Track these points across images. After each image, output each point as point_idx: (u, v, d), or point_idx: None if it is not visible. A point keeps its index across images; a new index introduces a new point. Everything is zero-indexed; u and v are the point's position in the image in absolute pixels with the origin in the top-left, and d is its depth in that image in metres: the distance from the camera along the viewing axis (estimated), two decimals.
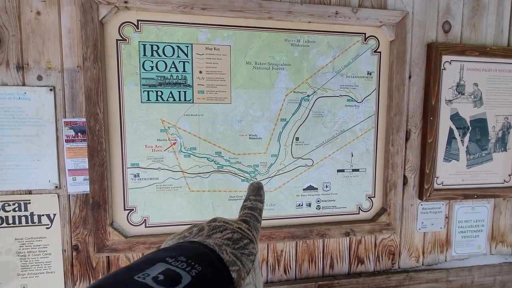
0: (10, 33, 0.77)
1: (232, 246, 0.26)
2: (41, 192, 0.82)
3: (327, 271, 1.00)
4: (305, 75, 0.92)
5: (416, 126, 1.00)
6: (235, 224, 0.29)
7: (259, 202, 0.34)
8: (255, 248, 0.28)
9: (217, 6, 0.82)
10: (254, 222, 0.31)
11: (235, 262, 0.25)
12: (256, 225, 0.31)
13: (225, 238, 0.27)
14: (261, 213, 0.33)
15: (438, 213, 1.05)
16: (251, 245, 0.28)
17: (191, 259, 0.23)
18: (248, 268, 0.26)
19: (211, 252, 0.25)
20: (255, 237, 0.30)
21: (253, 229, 0.30)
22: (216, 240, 0.26)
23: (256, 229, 0.31)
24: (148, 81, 0.83)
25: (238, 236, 0.28)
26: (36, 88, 0.79)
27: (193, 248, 0.25)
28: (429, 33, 0.98)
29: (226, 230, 0.28)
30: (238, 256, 0.26)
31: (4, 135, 0.79)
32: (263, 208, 0.34)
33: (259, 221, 0.32)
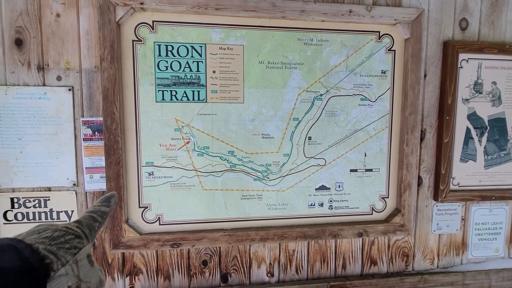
0: (32, 35, 0.80)
1: (47, 243, 0.29)
2: (60, 189, 0.84)
3: (339, 272, 0.99)
4: (318, 74, 0.91)
5: (432, 126, 0.98)
6: (61, 225, 0.33)
7: (104, 206, 0.39)
8: (81, 242, 0.32)
9: (231, 6, 0.83)
10: (88, 221, 0.36)
11: (47, 256, 0.28)
12: (91, 223, 0.35)
13: (42, 237, 0.29)
14: (103, 215, 0.38)
15: (454, 215, 1.02)
16: (76, 240, 0.31)
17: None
18: (65, 260, 0.29)
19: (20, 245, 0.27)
20: (84, 233, 0.33)
21: (85, 227, 0.34)
22: (30, 240, 0.29)
23: (90, 227, 0.35)
24: (163, 81, 0.85)
25: (60, 233, 0.31)
26: (56, 88, 0.82)
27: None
28: (445, 31, 0.96)
29: (46, 231, 0.31)
30: (52, 250, 0.29)
31: (25, 133, 0.81)
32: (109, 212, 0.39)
33: (98, 221, 0.37)
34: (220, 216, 0.91)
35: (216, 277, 0.94)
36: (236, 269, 0.94)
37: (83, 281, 0.30)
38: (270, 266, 0.96)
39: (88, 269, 0.31)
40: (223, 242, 0.89)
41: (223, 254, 0.93)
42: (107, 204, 0.39)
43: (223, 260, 0.94)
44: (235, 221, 0.92)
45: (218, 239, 0.89)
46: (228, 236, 0.89)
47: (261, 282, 0.96)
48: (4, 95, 0.79)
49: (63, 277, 0.28)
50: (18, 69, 0.80)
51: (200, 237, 0.88)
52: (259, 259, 0.95)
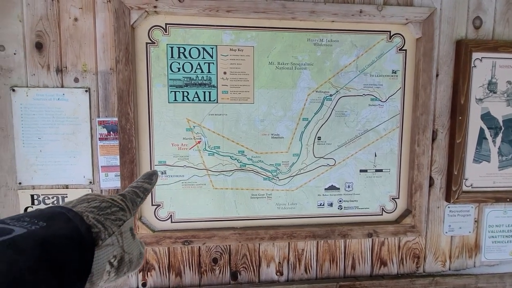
0: (51, 39, 0.83)
1: (96, 213, 0.29)
2: (77, 187, 0.87)
3: (348, 272, 0.99)
4: (327, 75, 0.92)
5: (444, 126, 0.97)
6: (107, 196, 0.33)
7: (146, 183, 0.38)
8: (125, 215, 0.32)
9: (241, 8, 0.84)
10: (131, 196, 0.35)
11: (96, 225, 0.28)
12: (134, 198, 0.35)
13: (91, 207, 0.30)
14: (145, 192, 0.38)
15: (466, 216, 1.01)
16: (120, 212, 0.32)
17: (36, 218, 0.25)
18: (111, 231, 0.29)
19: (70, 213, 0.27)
20: (128, 207, 0.33)
21: (128, 200, 0.34)
22: (80, 208, 0.29)
23: (133, 201, 0.35)
24: (175, 82, 0.87)
25: (107, 204, 0.31)
26: (73, 89, 0.85)
27: (48, 210, 0.27)
28: (458, 30, 0.95)
29: (95, 201, 0.31)
30: (100, 220, 0.29)
31: (45, 133, 0.85)
32: (150, 189, 0.39)
33: (140, 196, 0.37)
34: (230, 215, 0.92)
35: (226, 275, 0.95)
36: (246, 267, 0.96)
37: (126, 252, 0.31)
38: (279, 265, 0.97)
39: (131, 241, 0.32)
40: (233, 240, 0.91)
41: (233, 252, 0.95)
42: (149, 181, 0.39)
43: (233, 258, 0.95)
44: (245, 220, 0.93)
45: (228, 237, 0.90)
46: (238, 234, 0.90)
47: (271, 280, 0.97)
48: (26, 97, 0.83)
49: (110, 246, 0.29)
50: (38, 72, 0.84)
51: (211, 235, 0.89)
52: (268, 257, 0.96)
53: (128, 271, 0.31)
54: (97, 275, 0.27)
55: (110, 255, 0.28)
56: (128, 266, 0.31)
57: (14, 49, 0.82)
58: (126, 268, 0.31)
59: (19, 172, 0.85)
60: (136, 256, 0.32)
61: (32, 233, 0.23)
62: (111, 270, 0.28)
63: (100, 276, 0.27)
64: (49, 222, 0.25)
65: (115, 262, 0.29)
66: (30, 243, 0.22)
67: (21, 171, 0.85)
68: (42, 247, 0.22)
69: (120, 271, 0.30)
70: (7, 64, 0.82)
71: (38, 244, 0.22)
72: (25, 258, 0.20)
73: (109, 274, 0.28)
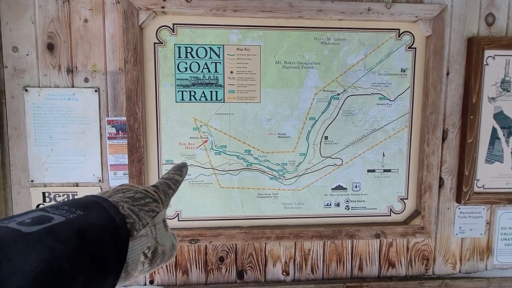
0: (62, 40, 0.85)
1: (131, 203, 0.29)
2: (87, 185, 0.89)
3: (355, 273, 0.98)
4: (335, 74, 0.91)
5: (454, 126, 0.95)
6: (141, 187, 0.33)
7: (177, 175, 0.38)
8: (158, 206, 0.32)
9: (249, 8, 0.84)
10: (164, 187, 0.35)
11: (131, 215, 0.28)
12: (166, 190, 0.35)
13: (126, 197, 0.30)
14: (176, 183, 0.37)
15: (478, 218, 0.98)
16: (154, 203, 0.31)
17: (74, 207, 0.25)
18: (145, 222, 0.29)
19: (106, 203, 0.27)
20: (161, 198, 0.33)
21: (161, 192, 0.34)
22: (115, 198, 0.29)
23: (166, 193, 0.35)
24: (182, 82, 0.88)
25: (141, 195, 0.31)
26: (83, 89, 0.86)
27: (85, 200, 0.27)
28: (469, 27, 0.92)
29: (129, 191, 0.31)
30: (135, 211, 0.29)
31: (56, 132, 0.87)
32: (181, 181, 0.38)
33: (172, 188, 0.36)
34: (236, 214, 0.93)
35: (232, 274, 0.96)
36: (252, 267, 0.96)
37: (159, 243, 0.30)
38: (285, 264, 0.97)
39: (164, 233, 0.32)
40: (239, 239, 0.91)
41: (239, 251, 0.95)
42: (179, 173, 0.38)
43: (239, 257, 0.95)
44: (251, 219, 0.93)
45: (235, 236, 0.90)
46: (244, 233, 0.91)
47: (277, 280, 0.97)
48: (38, 96, 0.85)
49: (144, 237, 0.28)
50: (50, 72, 0.86)
51: (217, 233, 0.90)
52: (274, 257, 0.96)
53: (161, 262, 0.31)
54: (132, 266, 0.27)
55: (144, 246, 0.28)
56: (161, 258, 0.31)
57: (27, 50, 0.84)
58: (160, 259, 0.31)
59: (31, 170, 0.87)
60: (168, 248, 0.32)
61: (70, 222, 0.23)
62: (145, 261, 0.28)
63: (135, 267, 0.27)
64: (86, 211, 0.25)
65: (149, 253, 0.29)
66: (69, 232, 0.22)
67: (33, 169, 0.87)
68: (79, 236, 0.22)
69: (153, 263, 0.30)
70: (20, 65, 0.85)
71: (76, 233, 0.22)
72: (64, 247, 0.21)
73: (143, 265, 0.28)
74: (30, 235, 0.20)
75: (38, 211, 0.23)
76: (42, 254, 0.19)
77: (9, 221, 0.21)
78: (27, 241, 0.19)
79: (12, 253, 0.18)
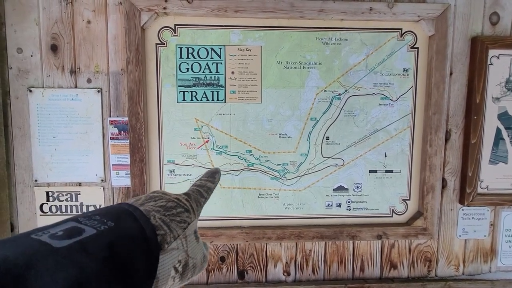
0: (65, 41, 0.86)
1: (162, 213, 0.28)
2: (89, 184, 0.90)
3: (357, 274, 0.98)
4: (336, 74, 0.91)
5: (458, 126, 0.94)
6: (173, 195, 0.31)
7: (209, 182, 0.36)
8: (189, 217, 0.30)
9: (250, 8, 0.84)
10: (196, 196, 0.33)
11: (162, 227, 0.27)
12: (198, 198, 0.33)
13: (157, 206, 0.28)
14: (209, 191, 0.35)
15: (481, 220, 0.97)
16: (185, 214, 0.30)
17: (106, 217, 0.24)
18: (176, 234, 0.27)
19: (137, 213, 0.26)
20: (192, 208, 0.31)
21: (193, 201, 0.32)
22: (147, 207, 0.28)
23: (197, 201, 0.33)
24: (184, 82, 0.88)
25: (173, 204, 0.29)
26: (86, 90, 0.87)
27: (116, 208, 0.27)
28: (473, 26, 0.91)
29: (161, 200, 0.30)
30: (166, 221, 0.27)
31: (59, 132, 0.88)
32: (213, 188, 0.36)
33: (204, 196, 0.34)
34: (237, 214, 0.93)
35: (233, 274, 0.96)
36: (253, 267, 0.96)
37: (190, 257, 0.29)
38: (286, 265, 0.97)
39: (195, 245, 0.30)
40: (240, 240, 0.91)
41: (240, 251, 0.95)
42: (212, 179, 0.37)
43: (240, 257, 0.95)
44: (252, 219, 0.93)
45: (236, 236, 0.90)
46: (245, 233, 0.91)
47: (278, 280, 0.97)
48: (41, 97, 0.86)
49: (175, 251, 0.27)
50: (53, 73, 0.87)
51: (218, 233, 0.90)
52: (275, 257, 0.96)
53: (191, 276, 0.30)
54: (162, 281, 0.26)
55: (175, 260, 0.27)
56: (192, 271, 0.29)
57: (31, 52, 0.86)
58: (190, 273, 0.29)
59: (35, 170, 0.88)
60: (199, 260, 0.31)
61: (101, 235, 0.22)
62: (175, 275, 0.27)
63: (165, 282, 0.26)
64: (117, 222, 0.24)
65: (179, 267, 0.27)
66: (99, 246, 0.21)
67: (37, 168, 0.88)
68: (110, 250, 0.22)
69: (184, 277, 0.28)
70: (24, 66, 0.86)
71: (106, 247, 0.22)
72: (94, 263, 0.20)
73: (174, 280, 0.27)
74: (60, 251, 0.19)
75: (71, 221, 0.23)
76: (71, 272, 0.19)
77: (42, 233, 0.21)
78: (56, 257, 0.19)
79: (41, 270, 0.18)
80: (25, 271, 0.17)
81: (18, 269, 0.17)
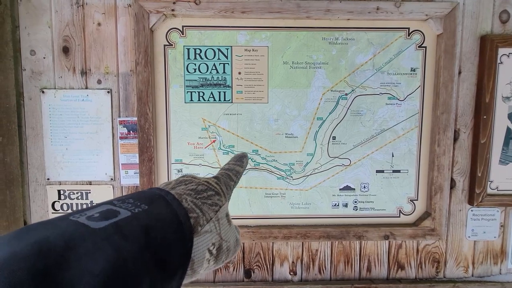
0: (76, 43, 0.88)
1: (194, 196, 0.28)
2: (99, 183, 0.92)
3: (364, 274, 0.98)
4: (343, 73, 0.91)
5: (467, 126, 0.93)
6: (202, 179, 0.31)
7: (238, 166, 0.36)
8: (220, 200, 0.29)
9: (256, 9, 0.85)
10: (225, 179, 0.33)
11: (194, 210, 0.26)
12: (227, 181, 0.33)
13: (188, 189, 0.28)
14: (237, 175, 0.35)
15: (491, 221, 0.96)
16: (216, 196, 0.29)
17: (139, 200, 0.24)
18: (209, 216, 0.27)
19: (169, 197, 0.26)
20: (223, 191, 0.31)
21: (222, 184, 0.31)
22: (178, 190, 0.28)
23: (227, 185, 0.32)
24: (191, 83, 0.89)
25: (203, 188, 0.29)
26: (96, 90, 0.89)
27: (148, 192, 0.27)
28: (482, 25, 0.90)
29: (191, 183, 0.29)
30: (198, 204, 0.27)
31: (70, 132, 0.90)
32: (242, 172, 0.36)
33: (233, 180, 0.34)
34: (244, 213, 0.94)
35: (240, 272, 0.97)
36: (259, 266, 0.97)
37: (224, 239, 0.28)
38: (293, 264, 0.97)
39: (227, 228, 0.29)
40: (247, 239, 0.92)
41: (247, 250, 0.96)
42: (240, 163, 0.36)
43: (246, 256, 0.96)
44: (258, 219, 0.94)
45: (242, 235, 0.91)
46: (251, 232, 0.91)
47: (284, 280, 0.97)
48: (54, 98, 0.89)
49: (208, 233, 0.27)
50: (65, 74, 0.89)
51: None
52: (282, 257, 0.96)
53: (226, 259, 0.30)
54: (198, 263, 0.26)
55: (209, 242, 0.27)
56: (226, 254, 0.29)
57: (43, 54, 0.88)
58: (225, 256, 0.29)
59: (47, 169, 0.90)
60: (233, 243, 0.30)
61: (136, 217, 0.22)
62: (210, 258, 0.27)
63: (200, 264, 0.26)
64: (150, 206, 0.24)
65: (214, 250, 0.27)
66: (135, 229, 0.21)
67: (49, 167, 0.90)
68: (146, 233, 0.21)
69: (219, 259, 0.28)
70: (37, 68, 0.88)
71: (142, 229, 0.21)
72: (130, 245, 0.20)
73: (209, 262, 0.27)
74: (98, 232, 0.19)
75: (106, 204, 0.23)
76: (109, 254, 0.19)
77: (79, 215, 0.21)
78: (94, 238, 0.19)
79: (81, 251, 0.18)
80: (66, 252, 0.18)
81: (59, 250, 0.17)
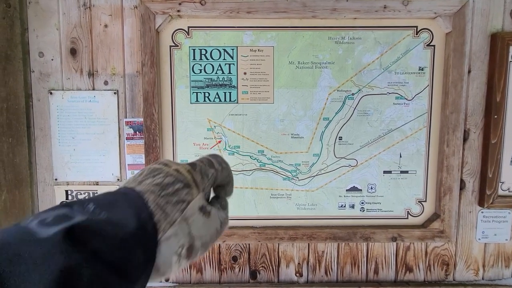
0: (84, 45, 0.89)
1: (158, 193, 0.25)
2: (106, 183, 0.93)
3: (371, 276, 0.96)
4: (349, 73, 0.90)
5: (477, 125, 0.91)
6: (173, 166, 0.27)
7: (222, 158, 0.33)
8: (190, 193, 0.26)
9: (262, 9, 0.84)
10: (204, 166, 0.29)
11: (156, 212, 0.24)
12: (206, 169, 0.29)
13: (154, 184, 0.25)
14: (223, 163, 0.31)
15: (503, 223, 0.94)
16: (184, 190, 0.26)
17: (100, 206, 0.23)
18: (172, 219, 0.24)
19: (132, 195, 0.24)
20: (195, 181, 0.27)
21: (197, 172, 0.28)
22: (144, 186, 0.25)
23: (204, 173, 0.28)
24: (197, 83, 0.89)
25: (170, 180, 0.26)
26: (103, 91, 0.90)
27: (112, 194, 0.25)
28: (493, 22, 0.88)
29: (160, 174, 0.26)
30: (161, 205, 0.24)
31: (78, 133, 0.91)
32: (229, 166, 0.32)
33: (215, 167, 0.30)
34: (249, 214, 0.93)
35: (246, 273, 0.96)
36: (265, 267, 0.96)
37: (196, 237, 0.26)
38: (298, 265, 0.96)
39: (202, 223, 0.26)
40: (253, 239, 0.91)
41: (252, 251, 0.96)
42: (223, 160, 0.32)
43: (252, 257, 0.96)
44: (264, 219, 0.93)
45: (248, 236, 0.91)
46: (257, 233, 0.91)
47: (290, 281, 0.96)
48: (61, 99, 0.90)
49: (173, 237, 0.24)
50: (72, 75, 0.90)
51: (231, 233, 0.91)
52: (287, 258, 0.96)
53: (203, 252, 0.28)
54: (165, 267, 0.24)
55: (175, 246, 0.24)
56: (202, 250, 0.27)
57: (51, 55, 0.89)
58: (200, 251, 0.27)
59: (55, 169, 0.91)
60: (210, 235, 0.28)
61: (91, 223, 0.21)
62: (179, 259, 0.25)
63: (167, 268, 0.24)
64: (110, 212, 0.22)
65: (183, 251, 0.25)
66: (88, 234, 0.20)
67: (57, 168, 0.91)
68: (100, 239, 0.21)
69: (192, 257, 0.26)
70: (45, 69, 0.89)
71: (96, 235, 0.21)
72: (82, 253, 0.19)
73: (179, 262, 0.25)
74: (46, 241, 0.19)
75: (64, 207, 0.22)
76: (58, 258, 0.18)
77: (32, 219, 0.21)
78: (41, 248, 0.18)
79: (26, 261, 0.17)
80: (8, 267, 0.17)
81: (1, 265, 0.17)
